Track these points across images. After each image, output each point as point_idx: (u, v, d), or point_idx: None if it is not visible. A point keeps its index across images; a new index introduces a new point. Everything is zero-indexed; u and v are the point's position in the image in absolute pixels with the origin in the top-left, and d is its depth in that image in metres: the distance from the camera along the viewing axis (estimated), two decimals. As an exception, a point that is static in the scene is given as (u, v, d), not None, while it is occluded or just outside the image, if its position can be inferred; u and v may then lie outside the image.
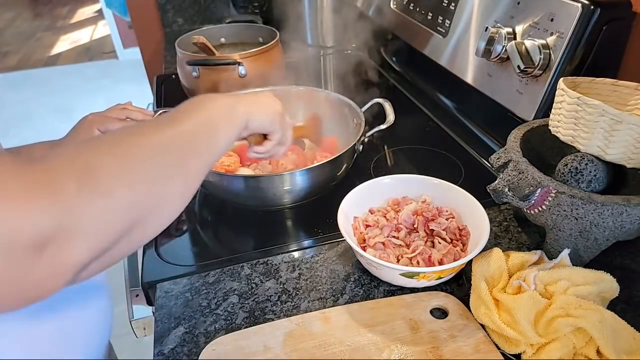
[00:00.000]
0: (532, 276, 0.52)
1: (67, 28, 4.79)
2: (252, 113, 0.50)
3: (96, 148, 0.35)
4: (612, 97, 0.62)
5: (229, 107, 0.46)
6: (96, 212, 0.32)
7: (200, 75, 1.00)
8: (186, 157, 0.40)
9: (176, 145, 0.39)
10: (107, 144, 0.36)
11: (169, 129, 0.40)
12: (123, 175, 0.35)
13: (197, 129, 0.42)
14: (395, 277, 0.57)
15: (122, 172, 0.35)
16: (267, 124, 0.54)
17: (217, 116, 0.44)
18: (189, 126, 0.41)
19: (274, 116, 0.54)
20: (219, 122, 0.44)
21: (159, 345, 0.54)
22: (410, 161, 0.89)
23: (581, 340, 0.47)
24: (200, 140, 0.42)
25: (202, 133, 0.42)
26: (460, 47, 0.90)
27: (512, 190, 0.58)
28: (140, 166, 0.36)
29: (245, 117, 0.49)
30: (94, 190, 0.32)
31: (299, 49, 1.45)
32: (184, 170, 0.40)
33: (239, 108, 0.48)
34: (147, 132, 0.39)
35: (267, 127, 0.54)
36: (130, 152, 0.36)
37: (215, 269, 0.64)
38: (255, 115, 0.51)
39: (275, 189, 0.69)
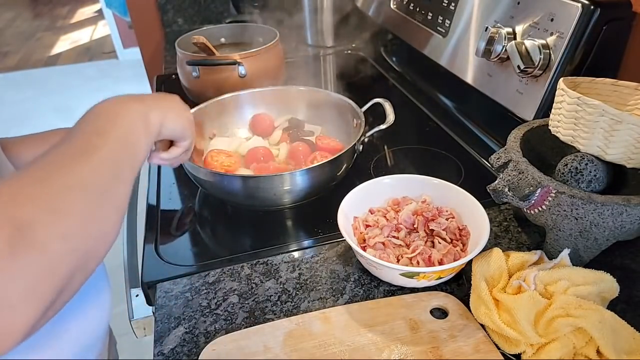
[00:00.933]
0: (532, 276, 0.52)
1: (67, 28, 4.79)
2: (165, 120, 0.48)
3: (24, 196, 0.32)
4: (612, 97, 0.62)
5: (142, 116, 0.44)
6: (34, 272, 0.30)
7: (200, 75, 1.00)
8: (114, 186, 0.38)
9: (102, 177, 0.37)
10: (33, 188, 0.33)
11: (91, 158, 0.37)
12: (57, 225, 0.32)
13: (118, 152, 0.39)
14: (395, 277, 0.57)
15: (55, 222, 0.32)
16: (179, 131, 0.52)
17: (134, 130, 0.42)
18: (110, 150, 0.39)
19: (186, 123, 0.52)
20: (137, 136, 0.42)
21: (159, 345, 0.54)
22: (410, 161, 0.89)
23: (581, 340, 0.47)
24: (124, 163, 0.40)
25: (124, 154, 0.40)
26: (460, 47, 0.90)
27: (512, 190, 0.58)
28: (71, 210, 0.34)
29: (158, 125, 0.47)
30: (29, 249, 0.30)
31: (299, 49, 1.45)
32: (114, 199, 0.38)
33: (152, 116, 0.46)
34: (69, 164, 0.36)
35: (178, 134, 0.52)
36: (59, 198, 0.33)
37: (215, 269, 0.64)
38: (167, 123, 0.48)
39: (275, 189, 0.69)
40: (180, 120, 0.51)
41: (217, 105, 0.88)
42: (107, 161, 0.38)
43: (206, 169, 0.70)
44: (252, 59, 0.99)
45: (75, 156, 0.37)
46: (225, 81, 0.98)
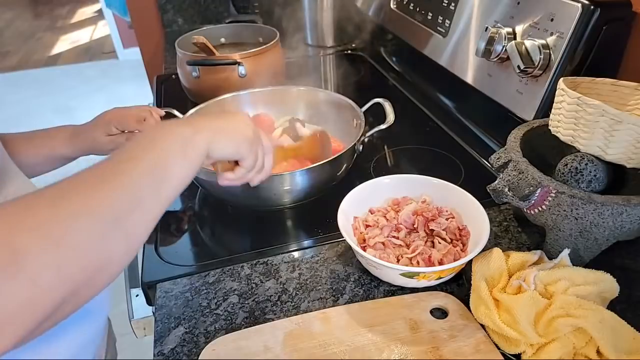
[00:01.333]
0: (532, 276, 0.52)
1: (67, 28, 4.79)
2: (214, 141, 0.45)
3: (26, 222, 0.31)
4: (612, 97, 0.62)
5: (184, 140, 0.41)
6: (21, 300, 0.30)
7: (200, 75, 1.00)
8: (130, 215, 0.36)
9: (116, 204, 0.35)
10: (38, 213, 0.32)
11: (109, 184, 0.35)
12: (52, 257, 0.31)
13: (142, 179, 0.37)
14: (395, 277, 0.57)
15: (50, 254, 0.31)
16: (232, 151, 0.48)
17: (168, 155, 0.40)
18: (133, 177, 0.37)
19: (240, 142, 0.49)
20: (171, 162, 0.40)
21: (159, 345, 0.54)
22: (410, 161, 0.89)
23: (581, 340, 0.47)
24: (148, 190, 0.37)
25: (149, 181, 0.38)
26: (460, 47, 0.90)
27: (512, 190, 0.58)
28: (71, 240, 0.32)
29: (205, 148, 0.44)
30: (18, 276, 0.30)
31: (299, 49, 1.45)
32: (126, 229, 0.36)
33: (198, 139, 0.43)
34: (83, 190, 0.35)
35: (231, 154, 0.49)
36: (61, 226, 0.32)
37: (215, 269, 0.64)
38: (216, 144, 0.45)
39: (275, 189, 0.69)
40: (234, 141, 0.48)
41: (217, 105, 0.88)
42: (126, 188, 0.36)
43: (205, 169, 0.70)
44: (252, 59, 0.99)
45: (92, 182, 0.36)
46: (225, 81, 0.98)
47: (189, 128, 0.43)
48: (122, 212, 0.35)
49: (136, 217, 0.37)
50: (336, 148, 0.82)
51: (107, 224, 0.34)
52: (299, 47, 1.46)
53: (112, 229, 0.35)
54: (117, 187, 0.36)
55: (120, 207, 0.35)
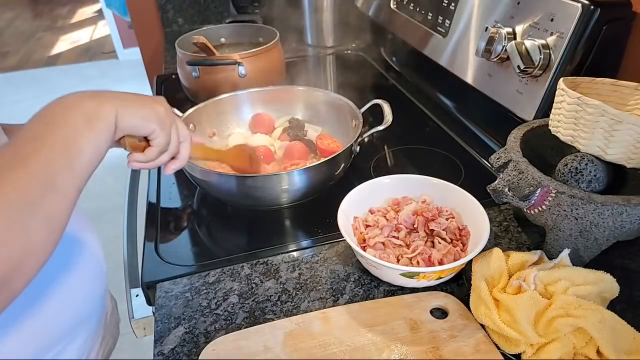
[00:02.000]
0: (532, 276, 0.52)
1: (67, 28, 4.79)
2: (120, 112, 0.43)
3: None
4: (612, 97, 0.62)
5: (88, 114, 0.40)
6: None
7: (200, 75, 1.00)
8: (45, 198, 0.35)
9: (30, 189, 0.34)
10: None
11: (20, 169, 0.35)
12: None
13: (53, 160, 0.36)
14: (395, 277, 0.57)
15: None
16: (139, 122, 0.46)
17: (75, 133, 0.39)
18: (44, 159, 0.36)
19: (149, 115, 0.47)
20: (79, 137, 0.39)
21: (159, 345, 0.54)
22: (410, 161, 0.89)
23: (581, 340, 0.47)
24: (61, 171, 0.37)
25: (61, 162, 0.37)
26: (460, 47, 0.90)
27: (512, 190, 0.58)
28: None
29: (111, 119, 0.42)
30: None
31: (299, 49, 1.45)
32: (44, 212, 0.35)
33: (103, 110, 0.42)
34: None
35: (140, 126, 0.46)
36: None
37: (215, 269, 0.64)
38: (123, 114, 0.44)
39: (273, 189, 0.69)
40: (142, 113, 0.46)
41: (217, 104, 0.88)
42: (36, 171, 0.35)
43: (203, 169, 0.70)
44: (252, 59, 0.99)
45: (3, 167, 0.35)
46: (225, 81, 0.98)
47: (94, 101, 0.42)
48: (37, 197, 0.35)
49: (53, 198, 0.36)
50: (334, 148, 0.83)
51: (22, 212, 0.34)
52: (299, 47, 1.46)
53: (29, 216, 0.34)
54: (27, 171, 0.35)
55: (34, 192, 0.34)
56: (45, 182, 0.36)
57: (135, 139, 0.48)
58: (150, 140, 0.49)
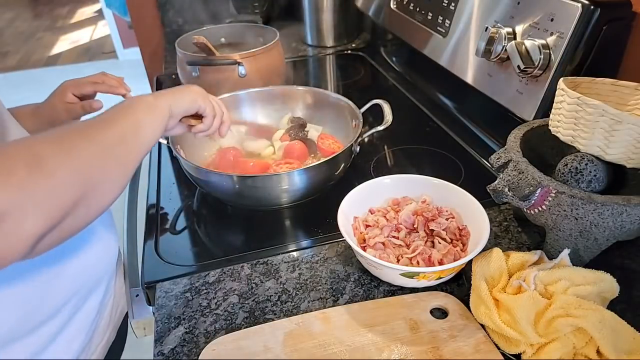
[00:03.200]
0: (532, 276, 0.52)
1: (67, 28, 4.79)
2: (172, 101, 0.57)
3: (44, 140, 0.42)
4: (612, 97, 0.62)
5: (150, 105, 0.54)
6: (44, 191, 0.39)
7: (200, 75, 1.00)
8: (118, 150, 0.47)
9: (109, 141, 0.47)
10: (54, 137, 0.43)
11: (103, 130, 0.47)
12: (65, 162, 0.41)
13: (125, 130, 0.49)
14: (395, 277, 0.57)
15: (64, 159, 0.41)
16: (189, 104, 0.60)
17: (140, 116, 0.52)
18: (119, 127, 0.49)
19: (193, 96, 0.61)
20: (143, 120, 0.52)
21: (159, 345, 0.54)
22: (410, 161, 0.89)
23: (581, 340, 0.47)
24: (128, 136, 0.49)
25: (130, 132, 0.50)
26: (460, 47, 0.90)
27: (512, 190, 0.58)
28: (79, 155, 0.43)
29: (166, 107, 0.56)
30: (41, 173, 0.39)
31: (299, 49, 1.45)
32: (117, 160, 0.47)
33: (160, 102, 0.55)
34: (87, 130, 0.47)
35: (190, 106, 0.61)
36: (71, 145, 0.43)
37: (215, 269, 0.64)
38: (175, 102, 0.57)
39: (273, 189, 0.69)
40: (186, 96, 0.60)
41: (217, 105, 0.88)
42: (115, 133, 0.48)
43: (202, 168, 0.70)
44: (252, 59, 0.99)
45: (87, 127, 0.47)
46: (225, 81, 0.98)
47: (152, 97, 0.55)
48: (113, 144, 0.47)
49: (123, 150, 0.48)
50: (335, 149, 0.82)
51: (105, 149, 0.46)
52: (299, 47, 1.46)
53: (108, 153, 0.46)
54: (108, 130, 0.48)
55: (112, 140, 0.47)
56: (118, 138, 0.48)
57: (191, 118, 0.63)
58: (202, 113, 0.63)
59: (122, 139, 0.49)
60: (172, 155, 0.87)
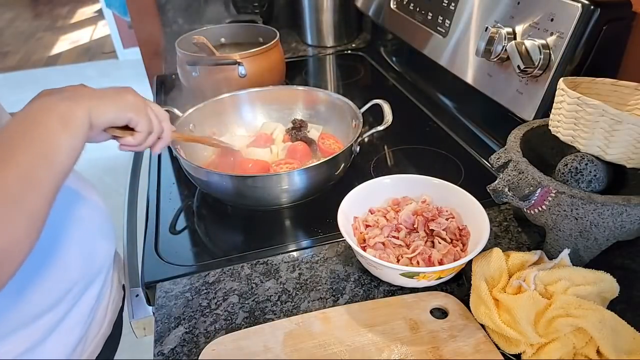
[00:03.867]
0: (532, 276, 0.52)
1: (67, 28, 4.79)
2: (94, 110, 0.47)
3: None
4: (612, 97, 0.62)
5: (62, 116, 0.44)
6: None
7: (200, 75, 1.00)
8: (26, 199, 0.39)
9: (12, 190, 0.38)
10: None
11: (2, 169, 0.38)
12: None
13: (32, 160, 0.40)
14: (395, 277, 0.57)
15: None
16: (114, 115, 0.50)
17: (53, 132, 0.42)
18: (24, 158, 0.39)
19: (123, 107, 0.51)
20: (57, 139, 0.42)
21: (159, 345, 0.54)
22: (410, 161, 0.89)
23: (581, 340, 0.47)
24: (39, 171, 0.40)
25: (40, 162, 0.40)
26: (460, 47, 0.90)
27: (512, 190, 0.58)
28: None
29: (85, 117, 0.46)
30: None
31: (299, 49, 1.45)
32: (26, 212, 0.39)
33: (77, 111, 0.45)
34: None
35: (116, 118, 0.50)
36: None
37: (215, 269, 0.64)
38: (96, 112, 0.47)
39: (273, 189, 0.69)
40: (115, 106, 0.50)
41: (217, 104, 0.88)
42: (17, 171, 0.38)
43: (202, 168, 0.70)
44: (252, 59, 0.99)
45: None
46: (225, 81, 0.98)
47: (67, 102, 0.45)
48: (18, 194, 0.38)
49: (33, 194, 0.39)
50: (336, 149, 0.82)
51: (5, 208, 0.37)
52: (299, 47, 1.46)
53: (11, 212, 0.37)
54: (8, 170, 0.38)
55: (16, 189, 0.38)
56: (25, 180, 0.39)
57: (118, 129, 0.53)
58: (133, 127, 0.53)
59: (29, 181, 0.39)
60: (172, 155, 0.87)
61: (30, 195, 0.39)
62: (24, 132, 0.41)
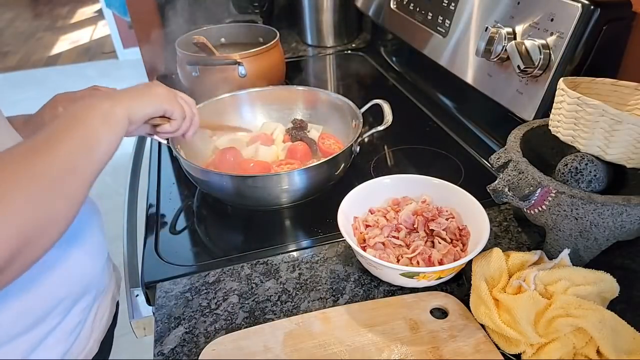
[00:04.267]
0: (532, 276, 0.52)
1: (67, 28, 4.79)
2: (132, 108, 0.52)
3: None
4: (612, 97, 0.62)
5: (106, 113, 0.48)
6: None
7: (200, 75, 1.00)
8: (66, 181, 0.42)
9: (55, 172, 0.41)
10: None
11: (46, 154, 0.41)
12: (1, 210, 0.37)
13: (75, 150, 0.44)
14: (395, 277, 0.57)
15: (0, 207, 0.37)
16: (152, 110, 0.56)
17: (94, 128, 0.46)
18: (67, 148, 0.43)
19: (157, 100, 0.56)
20: (98, 134, 0.46)
21: (159, 345, 0.54)
22: (410, 161, 0.89)
23: (581, 340, 0.47)
24: (79, 159, 0.44)
25: (81, 151, 0.44)
26: (460, 47, 0.90)
27: (512, 190, 0.58)
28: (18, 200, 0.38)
29: (124, 115, 0.51)
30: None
31: (299, 49, 1.45)
32: (65, 193, 0.42)
33: (118, 110, 0.50)
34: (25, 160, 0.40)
35: (153, 113, 0.56)
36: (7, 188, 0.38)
37: (215, 269, 0.64)
38: (135, 109, 0.52)
39: (273, 189, 0.69)
40: (149, 101, 0.55)
41: (217, 104, 0.88)
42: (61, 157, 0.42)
43: (202, 168, 0.70)
44: (252, 59, 0.99)
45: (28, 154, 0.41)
46: (225, 81, 0.98)
47: (109, 102, 0.50)
48: (58, 178, 0.42)
49: (72, 179, 0.43)
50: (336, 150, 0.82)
51: (45, 188, 0.40)
52: (299, 47, 1.46)
53: (50, 192, 0.41)
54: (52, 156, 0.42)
55: (56, 174, 0.41)
56: (66, 166, 0.43)
57: (156, 119, 0.59)
58: (169, 117, 0.60)
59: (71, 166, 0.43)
60: (172, 155, 0.87)
61: (69, 180, 0.43)
62: (68, 126, 0.45)
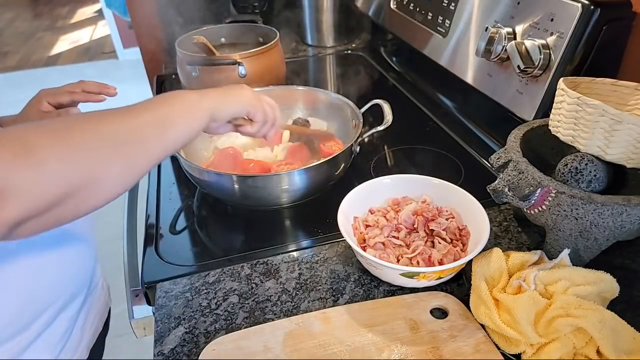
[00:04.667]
0: (532, 276, 0.52)
1: (67, 28, 4.79)
2: (218, 105, 0.54)
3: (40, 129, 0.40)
4: (612, 97, 0.62)
5: (191, 103, 0.50)
6: (28, 178, 0.37)
7: (200, 75, 1.00)
8: (129, 147, 0.44)
9: (121, 136, 0.43)
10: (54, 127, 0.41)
11: (119, 120, 0.44)
12: (57, 153, 0.39)
13: (148, 124, 0.46)
14: (395, 277, 0.57)
15: (58, 150, 0.39)
16: (236, 111, 0.58)
17: (175, 113, 0.48)
18: (141, 120, 0.45)
19: (244, 102, 0.58)
20: (176, 118, 0.48)
21: (159, 345, 0.54)
22: (410, 161, 0.89)
23: (581, 340, 0.47)
24: (149, 134, 0.46)
25: (153, 128, 0.46)
26: (460, 47, 0.90)
27: (512, 190, 0.58)
28: (77, 147, 0.40)
29: (209, 111, 0.53)
30: (26, 161, 0.37)
31: (299, 49, 1.45)
32: (125, 158, 0.44)
33: (203, 103, 0.52)
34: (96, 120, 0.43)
35: (237, 113, 0.58)
36: (70, 135, 0.40)
37: (215, 269, 0.64)
38: (221, 107, 0.54)
39: (273, 189, 0.69)
40: (235, 101, 0.57)
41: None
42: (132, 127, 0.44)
43: (202, 168, 0.70)
44: (252, 59, 0.99)
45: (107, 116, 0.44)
46: (225, 81, 0.98)
47: (197, 95, 0.52)
48: (124, 142, 0.43)
49: (137, 149, 0.44)
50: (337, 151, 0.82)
51: (111, 149, 0.42)
52: (299, 47, 1.46)
53: (113, 150, 0.42)
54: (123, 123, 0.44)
55: (123, 138, 0.43)
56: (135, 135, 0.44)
57: (240, 120, 0.61)
58: (251, 119, 0.61)
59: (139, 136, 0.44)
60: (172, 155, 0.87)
61: (133, 148, 0.44)
62: (153, 103, 0.48)
